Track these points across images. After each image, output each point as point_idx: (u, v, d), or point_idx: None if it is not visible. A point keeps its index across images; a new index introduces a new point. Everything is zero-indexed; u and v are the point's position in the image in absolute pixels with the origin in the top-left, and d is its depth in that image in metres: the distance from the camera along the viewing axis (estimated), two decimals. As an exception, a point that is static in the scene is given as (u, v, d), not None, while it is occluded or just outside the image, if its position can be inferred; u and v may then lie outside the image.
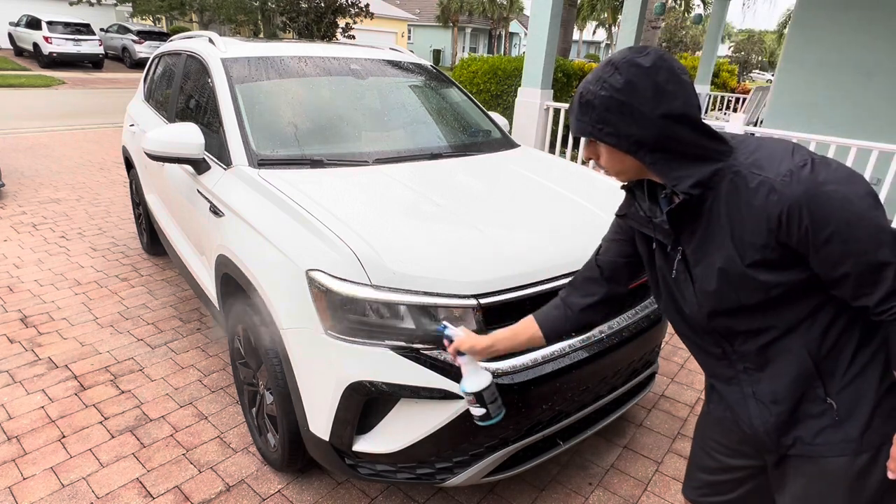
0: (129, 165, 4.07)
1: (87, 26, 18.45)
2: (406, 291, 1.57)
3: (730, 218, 0.93)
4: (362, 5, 16.85)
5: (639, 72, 0.89)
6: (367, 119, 2.72)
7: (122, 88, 14.69)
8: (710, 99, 11.03)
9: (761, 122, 7.42)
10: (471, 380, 1.38)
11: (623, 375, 2.02)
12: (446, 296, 1.58)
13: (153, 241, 3.90)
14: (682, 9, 26.61)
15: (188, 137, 2.32)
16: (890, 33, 5.00)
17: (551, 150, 5.80)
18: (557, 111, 5.70)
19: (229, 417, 2.39)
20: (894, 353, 0.93)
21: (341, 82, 2.80)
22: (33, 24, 17.95)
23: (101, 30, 21.10)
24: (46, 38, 17.38)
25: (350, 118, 2.65)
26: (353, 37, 16.61)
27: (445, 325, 1.42)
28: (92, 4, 18.31)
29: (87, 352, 2.83)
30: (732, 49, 42.95)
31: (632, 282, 1.28)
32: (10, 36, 19.80)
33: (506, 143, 2.97)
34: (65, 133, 8.63)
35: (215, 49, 2.72)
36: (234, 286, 2.09)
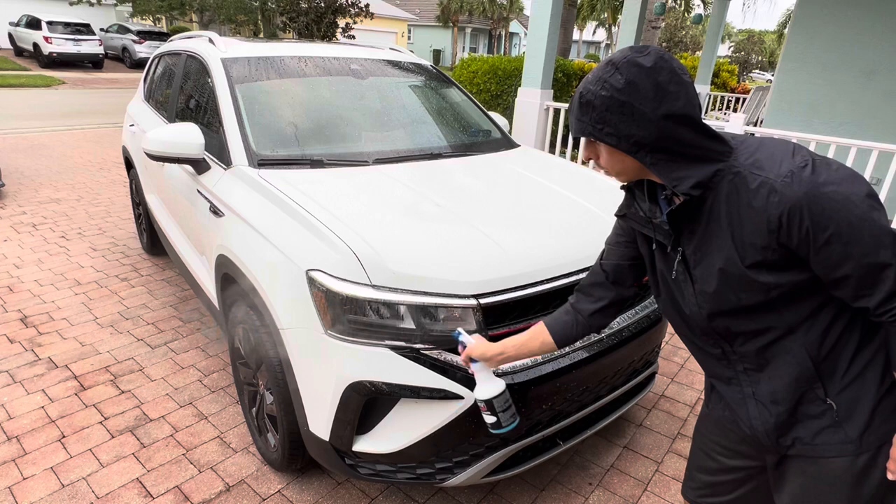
0: (129, 165, 4.08)
1: (87, 26, 18.46)
2: (406, 291, 1.57)
3: (730, 219, 0.93)
4: (362, 5, 16.86)
5: (640, 72, 0.88)
6: (367, 119, 2.72)
7: (122, 88, 14.70)
8: (710, 99, 11.03)
9: (761, 122, 7.42)
10: (482, 387, 1.37)
11: (623, 375, 2.02)
12: (446, 296, 1.58)
13: (153, 241, 3.91)
14: (682, 9, 26.62)
15: (188, 137, 2.32)
16: (890, 33, 5.00)
17: (551, 150, 5.80)
18: (557, 111, 5.70)
19: (229, 417, 2.39)
20: (894, 354, 0.93)
21: (341, 82, 2.80)
22: (33, 24, 17.96)
23: (101, 30, 21.12)
24: (46, 38, 17.39)
25: (350, 118, 2.65)
26: (353, 37, 16.62)
27: (460, 332, 1.42)
28: (92, 4, 18.32)
29: (87, 352, 2.83)
30: (732, 49, 42.94)
31: (638, 284, 1.28)
32: (10, 36, 19.81)
33: (506, 143, 2.97)
34: (65, 133, 8.63)
35: (215, 49, 2.72)
36: (234, 286, 2.09)
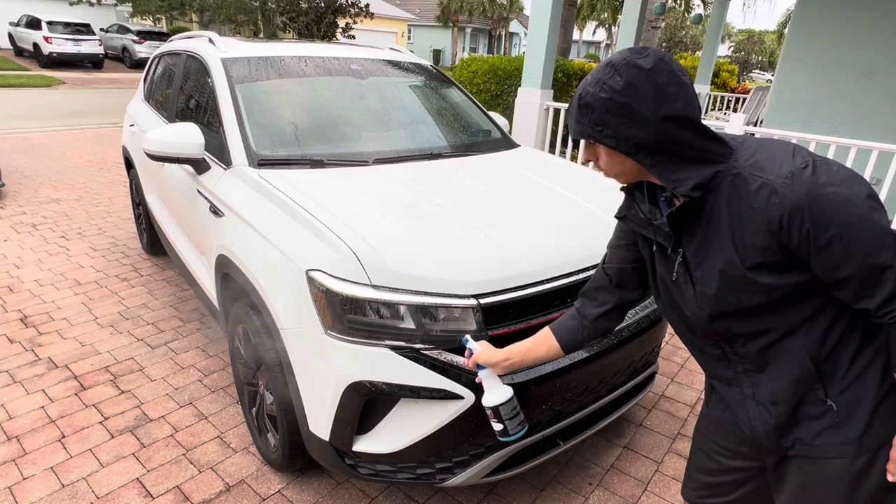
0: (129, 165, 4.08)
1: (87, 26, 18.46)
2: (406, 291, 1.57)
3: (730, 220, 0.92)
4: (362, 5, 16.86)
5: (639, 73, 0.87)
6: (367, 119, 2.72)
7: (122, 88, 14.70)
8: (710, 99, 11.02)
9: (761, 122, 7.42)
10: (489, 394, 1.37)
11: (623, 375, 2.02)
12: (446, 296, 1.58)
13: (153, 241, 3.91)
14: (682, 9, 26.62)
15: (188, 137, 2.32)
16: (890, 33, 5.00)
17: (551, 150, 5.80)
18: (557, 111, 5.70)
19: (229, 417, 2.39)
20: (895, 356, 0.93)
21: (341, 82, 2.80)
22: (33, 24, 17.96)
23: (101, 30, 21.12)
24: (46, 38, 17.40)
25: (350, 118, 2.65)
26: (353, 37, 16.62)
27: (467, 339, 1.42)
28: (92, 4, 18.32)
29: (87, 352, 2.83)
30: (732, 49, 42.93)
31: (642, 286, 1.26)
32: (10, 36, 19.81)
33: (506, 142, 2.97)
34: (65, 133, 8.63)
35: (215, 49, 2.72)
36: (234, 286, 2.09)
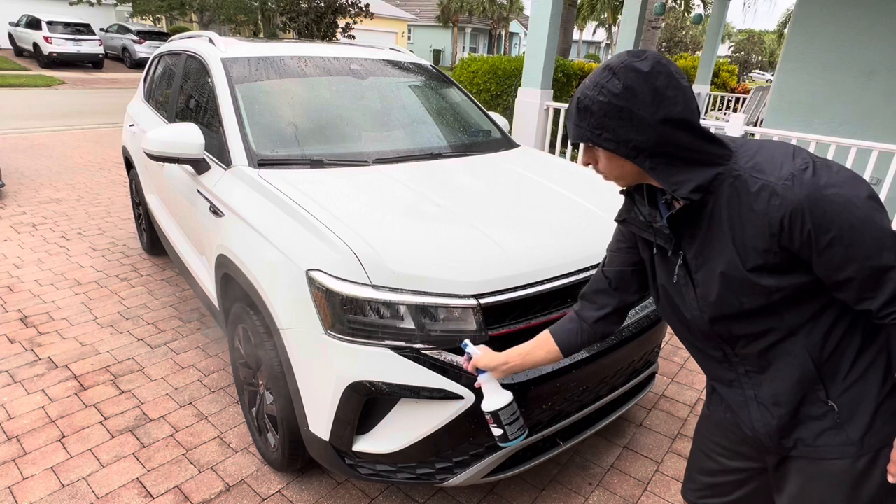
0: (129, 165, 4.08)
1: (87, 26, 18.46)
2: (406, 291, 1.57)
3: (731, 222, 0.92)
4: (362, 5, 16.87)
5: (637, 77, 0.87)
6: (367, 119, 2.72)
7: (122, 88, 14.70)
8: (710, 99, 11.02)
9: (761, 122, 7.41)
10: (489, 399, 1.36)
11: (623, 375, 2.02)
12: (446, 296, 1.58)
13: (153, 241, 3.91)
14: (682, 9, 26.61)
15: (188, 137, 2.32)
16: (890, 33, 5.00)
17: (551, 150, 5.80)
18: (557, 111, 5.70)
19: (229, 417, 2.39)
20: None
21: (341, 82, 2.80)
22: (33, 24, 17.96)
23: (101, 30, 21.12)
24: (46, 38, 17.39)
25: (350, 118, 2.65)
26: (353, 37, 16.63)
27: (467, 343, 1.42)
28: (92, 4, 18.32)
29: (87, 352, 2.83)
30: (732, 49, 42.93)
31: (642, 289, 1.26)
32: (10, 36, 19.81)
33: (506, 143, 2.97)
34: (65, 133, 8.63)
35: (215, 49, 2.72)
36: (234, 286, 2.09)
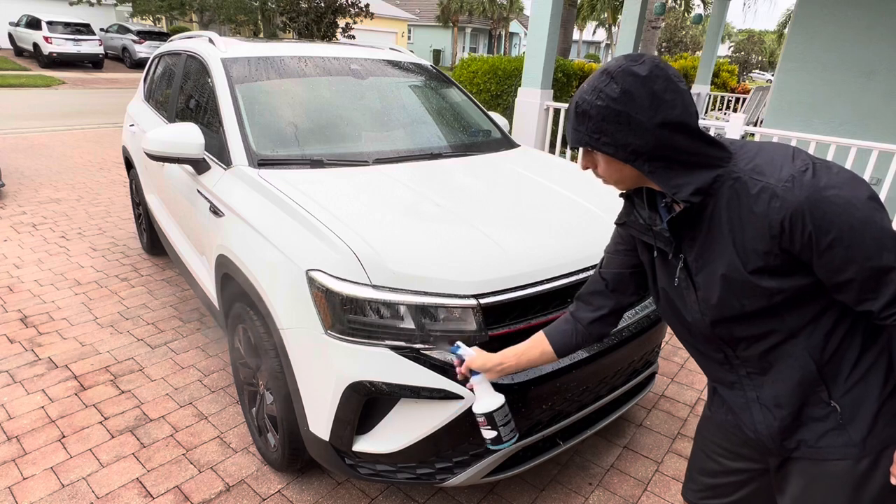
0: (129, 165, 4.08)
1: (87, 26, 18.46)
2: (406, 291, 1.57)
3: (731, 225, 0.92)
4: (362, 5, 16.87)
5: (635, 81, 0.87)
6: (367, 119, 2.72)
7: (122, 88, 14.70)
8: (709, 99, 11.02)
9: (761, 122, 7.41)
10: (482, 401, 1.36)
11: (623, 375, 2.02)
12: (446, 296, 1.58)
13: (153, 241, 3.91)
14: (682, 9, 26.61)
15: (188, 137, 2.32)
16: (890, 33, 5.00)
17: (551, 150, 5.80)
18: (557, 111, 5.70)
19: (229, 417, 2.39)
20: None
21: (341, 82, 2.80)
22: (33, 24, 17.96)
23: (101, 30, 21.12)
24: (46, 38, 17.39)
25: (350, 118, 2.65)
26: (353, 37, 16.63)
27: (458, 345, 1.41)
28: (92, 4, 18.32)
29: (87, 352, 2.83)
30: (732, 49, 42.93)
31: (639, 291, 1.26)
32: (10, 36, 19.81)
33: (506, 143, 2.97)
34: (65, 133, 8.63)
35: (215, 49, 2.72)
36: (233, 286, 2.09)
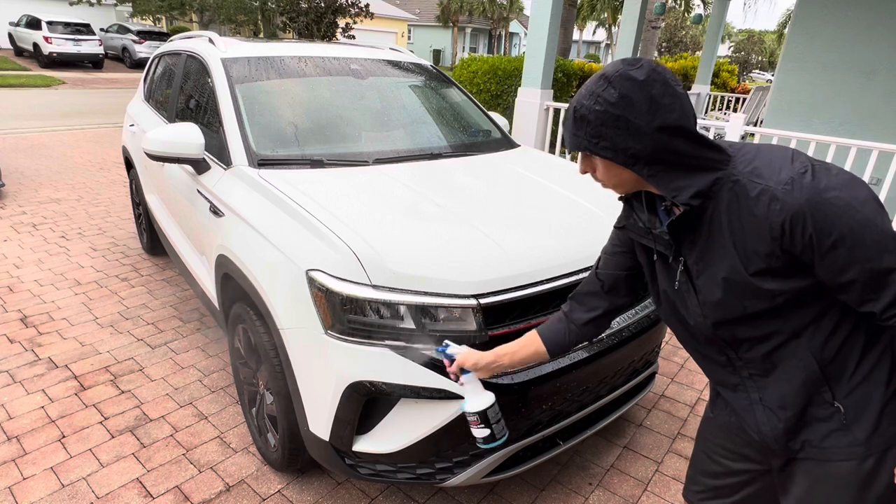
0: (129, 165, 4.08)
1: (87, 26, 18.46)
2: (406, 291, 1.57)
3: (731, 227, 0.92)
4: (362, 5, 16.87)
5: (633, 85, 0.88)
6: (367, 119, 2.72)
7: (122, 88, 14.70)
8: (709, 99, 11.02)
9: (761, 122, 7.41)
10: (475, 399, 1.35)
11: (623, 375, 2.02)
12: (446, 296, 1.58)
13: (153, 241, 3.91)
14: (682, 9, 26.61)
15: (188, 137, 2.32)
16: (890, 33, 5.00)
17: (551, 150, 5.80)
18: (557, 111, 5.69)
19: (229, 417, 2.39)
20: None
21: (341, 82, 2.80)
22: (33, 24, 17.96)
23: (101, 30, 21.12)
24: (46, 38, 17.39)
25: (350, 118, 2.65)
26: (353, 37, 16.63)
27: (448, 344, 1.39)
28: (92, 4, 18.31)
29: (87, 352, 2.83)
30: (732, 49, 42.94)
31: (633, 293, 1.26)
32: (10, 36, 19.80)
33: (506, 143, 2.97)
34: (65, 133, 8.63)
35: (215, 49, 2.72)
36: (233, 286, 2.09)
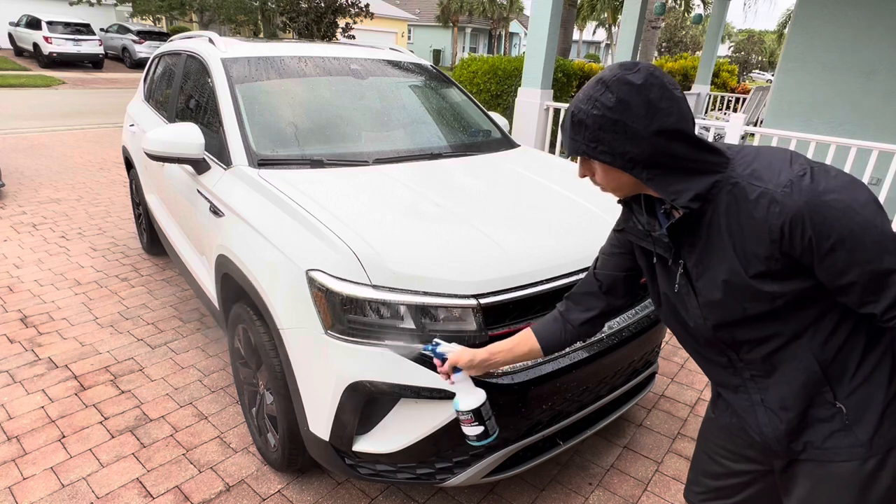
0: (129, 165, 4.08)
1: (87, 26, 18.46)
2: (406, 291, 1.57)
3: (730, 230, 0.92)
4: (362, 5, 16.87)
5: (630, 90, 0.88)
6: (367, 119, 2.72)
7: (122, 88, 14.70)
8: (709, 99, 11.02)
9: (761, 122, 7.41)
10: (468, 398, 1.34)
11: (623, 375, 2.02)
12: (446, 296, 1.58)
13: (153, 241, 3.91)
14: (682, 9, 26.60)
15: (188, 137, 2.32)
16: (890, 33, 5.00)
17: (551, 150, 5.80)
18: (557, 111, 5.70)
19: (229, 417, 2.39)
20: None
21: (341, 82, 2.80)
22: (33, 24, 17.96)
23: (101, 30, 21.12)
24: (46, 38, 17.39)
25: (350, 118, 2.65)
26: (353, 37, 16.63)
27: (438, 343, 1.38)
28: (92, 4, 18.31)
29: (87, 352, 2.83)
30: (732, 49, 42.94)
31: (629, 294, 1.26)
32: (10, 36, 19.81)
33: (506, 143, 2.97)
34: (65, 133, 8.63)
35: (215, 49, 2.72)
36: (233, 286, 2.09)
